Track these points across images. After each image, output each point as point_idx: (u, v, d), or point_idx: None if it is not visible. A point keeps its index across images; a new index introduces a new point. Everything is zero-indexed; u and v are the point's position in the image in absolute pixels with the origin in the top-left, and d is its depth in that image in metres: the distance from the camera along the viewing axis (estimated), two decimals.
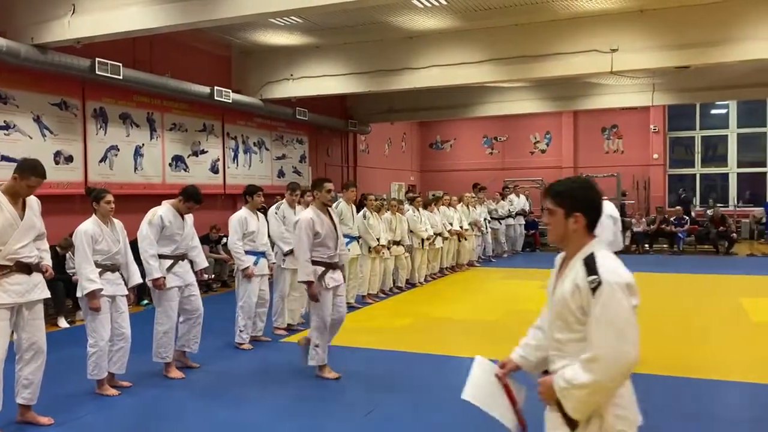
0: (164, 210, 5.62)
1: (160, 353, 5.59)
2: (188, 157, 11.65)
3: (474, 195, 14.03)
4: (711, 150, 20.25)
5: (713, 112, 20.03)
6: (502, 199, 15.81)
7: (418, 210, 10.89)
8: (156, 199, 10.41)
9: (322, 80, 12.06)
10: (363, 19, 10.49)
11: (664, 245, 16.44)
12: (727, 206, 18.41)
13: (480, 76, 11.39)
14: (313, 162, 15.64)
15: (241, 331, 6.59)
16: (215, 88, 11.30)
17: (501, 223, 15.32)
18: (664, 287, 10.57)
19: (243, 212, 6.68)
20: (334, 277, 5.46)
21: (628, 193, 18.00)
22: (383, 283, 9.64)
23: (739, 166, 19.69)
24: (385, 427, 4.48)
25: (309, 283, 5.32)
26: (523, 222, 16.23)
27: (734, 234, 16.01)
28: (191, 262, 5.87)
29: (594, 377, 2.08)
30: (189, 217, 5.81)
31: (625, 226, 16.33)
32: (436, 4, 9.68)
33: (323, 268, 5.39)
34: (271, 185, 13.30)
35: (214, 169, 12.30)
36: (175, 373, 5.62)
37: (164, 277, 5.51)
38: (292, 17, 10.04)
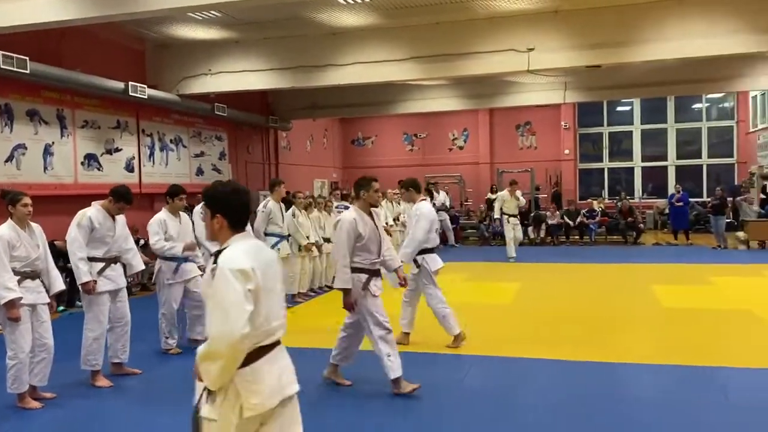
0: (93, 211, 5.40)
1: (89, 360, 5.33)
2: (102, 155, 11.12)
3: (398, 191, 14.15)
4: (617, 145, 21.40)
5: (619, 109, 21.15)
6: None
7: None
8: (68, 200, 10.00)
9: (243, 75, 11.82)
10: (284, 14, 10.35)
11: (576, 236, 17.18)
12: (633, 198, 19.50)
13: (402, 73, 11.51)
14: (233, 159, 15.31)
15: (166, 337, 6.41)
16: (130, 83, 10.84)
17: None
18: (581, 277, 11.08)
19: (162, 214, 6.43)
20: (378, 285, 4.98)
21: (541, 187, 18.70)
22: (313, 281, 9.57)
23: (642, 161, 20.90)
24: (330, 425, 4.47)
25: (346, 291, 4.85)
26: (447, 217, 16.51)
27: (641, 225, 16.98)
28: (124, 266, 5.67)
29: (208, 351, 2.37)
30: (121, 218, 5.61)
31: (540, 219, 16.99)
32: (359, 0, 9.70)
33: (366, 275, 4.91)
34: (190, 183, 12.91)
35: (129, 168, 11.81)
36: (103, 382, 5.38)
37: (94, 281, 5.27)
38: (211, 11, 9.79)
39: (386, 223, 12.40)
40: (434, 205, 15.36)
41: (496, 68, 11.14)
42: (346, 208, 11.09)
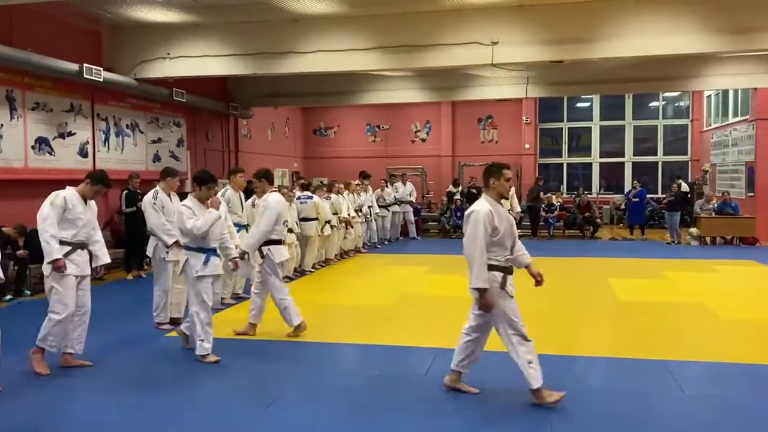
0: (69, 193, 5.34)
1: (48, 340, 5.22)
2: (54, 139, 10.72)
3: (360, 182, 14.10)
4: (576, 141, 21.72)
5: (578, 105, 21.46)
6: (386, 186, 16.00)
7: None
8: (18, 185, 9.65)
9: (202, 60, 11.52)
10: None
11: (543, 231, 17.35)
12: (591, 194, 19.83)
13: (366, 63, 11.40)
14: (192, 146, 14.98)
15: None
16: (84, 65, 10.46)
17: (388, 211, 15.54)
18: (539, 270, 11.20)
19: (189, 202, 5.76)
20: (512, 284, 4.58)
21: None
22: None
23: (600, 156, 21.27)
24: (289, 416, 4.39)
25: (482, 291, 4.40)
26: (410, 209, 16.53)
27: (598, 219, 17.28)
28: (90, 255, 5.50)
29: None
30: (92, 204, 5.53)
31: None
32: None
33: (501, 274, 4.49)
34: (146, 170, 12.60)
35: (83, 153, 11.42)
36: (42, 368, 5.24)
37: (63, 259, 5.16)
38: None
39: (348, 215, 12.33)
40: (385, 198, 15.45)
41: (460, 60, 11.12)
42: (310, 198, 11.10)
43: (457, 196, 17.48)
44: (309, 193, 11.07)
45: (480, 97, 16.70)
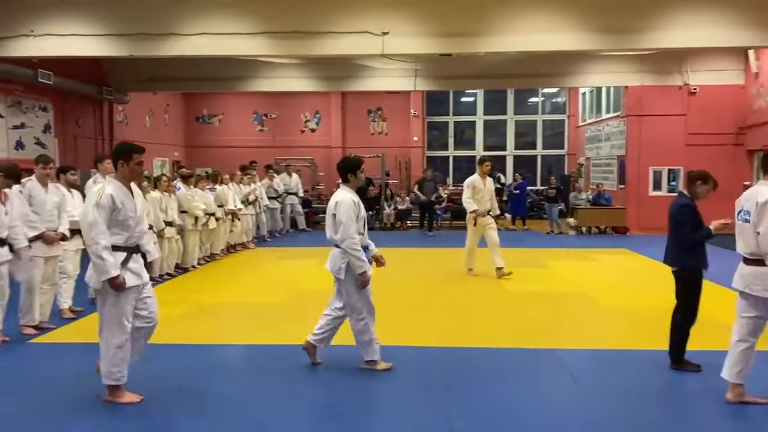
0: (112, 188, 4.32)
1: (112, 374, 4.35)
2: None
3: (247, 173, 13.58)
4: (460, 134, 22.25)
5: (463, 100, 21.98)
6: (274, 176, 15.54)
7: (191, 188, 10.22)
8: None
9: (72, 40, 10.52)
10: None
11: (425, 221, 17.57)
12: None
13: (252, 48, 10.91)
14: (60, 133, 13.80)
15: None
16: None
17: (277, 202, 15.10)
18: (426, 262, 11.31)
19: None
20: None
21: (392, 173, 18.93)
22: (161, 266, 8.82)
23: (484, 150, 21.91)
24: (171, 426, 4.02)
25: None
26: (297, 201, 16.13)
27: None
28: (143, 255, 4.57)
29: None
30: (139, 195, 4.63)
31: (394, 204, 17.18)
32: None
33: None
34: (8, 158, 11.42)
35: None
36: (129, 397, 4.43)
37: (121, 275, 4.26)
38: None
39: (234, 206, 11.82)
40: (276, 189, 14.98)
41: (350, 49, 10.93)
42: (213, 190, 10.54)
43: None
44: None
45: (370, 89, 16.63)
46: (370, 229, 5.31)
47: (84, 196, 5.74)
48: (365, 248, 5.01)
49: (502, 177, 19.65)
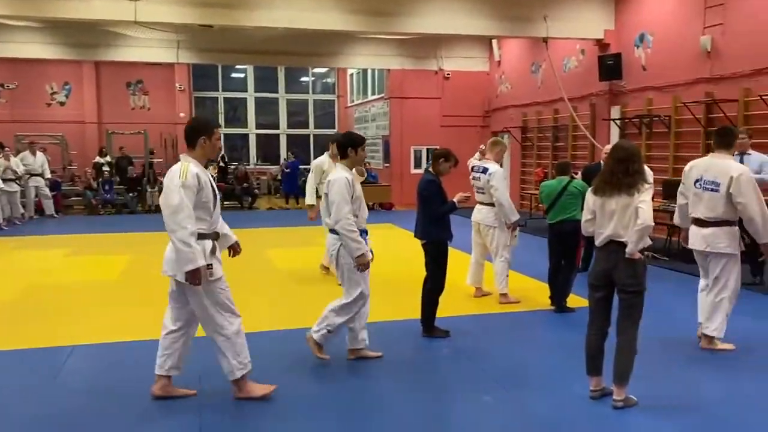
0: (193, 166, 3.80)
1: (241, 362, 3.97)
2: None
3: None
4: (232, 111, 21.62)
5: (233, 75, 21.35)
6: (12, 155, 13.60)
7: None
8: None
9: None
10: None
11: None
12: (248, 165, 20.00)
13: None
14: None
15: None
16: None
17: (16, 185, 13.21)
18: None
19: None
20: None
21: (156, 151, 17.73)
22: None
23: (256, 128, 21.56)
24: None
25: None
26: (42, 183, 14.26)
27: (256, 190, 17.50)
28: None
29: None
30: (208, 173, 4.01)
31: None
32: None
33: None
34: None
35: None
36: (263, 388, 4.07)
37: (210, 265, 3.80)
38: None
39: None
40: (14, 170, 13.08)
41: (98, 14, 9.95)
42: None
43: (106, 168, 15.87)
44: None
45: (127, 59, 15.34)
46: (130, 213, 4.77)
47: None
48: (363, 232, 4.63)
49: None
